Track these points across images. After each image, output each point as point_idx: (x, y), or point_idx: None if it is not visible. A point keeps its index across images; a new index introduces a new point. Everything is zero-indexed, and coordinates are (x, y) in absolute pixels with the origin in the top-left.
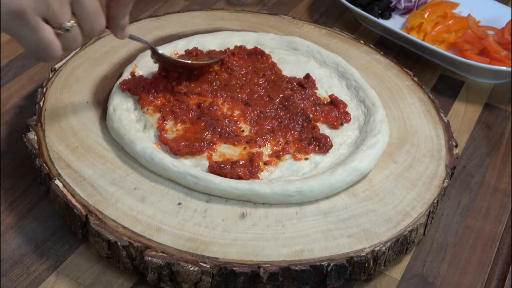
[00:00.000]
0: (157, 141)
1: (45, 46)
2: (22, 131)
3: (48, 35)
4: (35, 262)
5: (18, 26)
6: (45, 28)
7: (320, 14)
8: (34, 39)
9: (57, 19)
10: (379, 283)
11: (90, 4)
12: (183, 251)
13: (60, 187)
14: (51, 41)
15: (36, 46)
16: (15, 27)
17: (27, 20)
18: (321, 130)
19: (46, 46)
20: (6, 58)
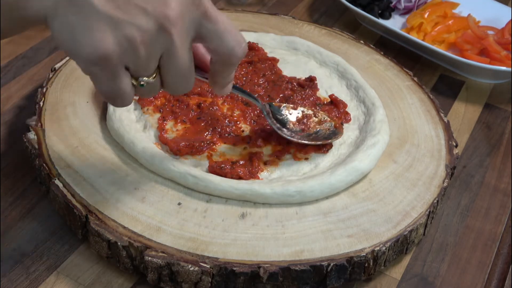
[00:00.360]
0: (157, 141)
1: (118, 95)
2: (22, 131)
3: (124, 86)
4: (35, 262)
5: (99, 70)
6: (124, 79)
7: (320, 14)
8: (110, 87)
9: (138, 71)
10: (379, 283)
11: (181, 65)
12: (183, 251)
13: (60, 187)
14: (125, 92)
15: (110, 93)
16: (95, 69)
17: (109, 67)
18: None
19: (120, 96)
20: (6, 58)
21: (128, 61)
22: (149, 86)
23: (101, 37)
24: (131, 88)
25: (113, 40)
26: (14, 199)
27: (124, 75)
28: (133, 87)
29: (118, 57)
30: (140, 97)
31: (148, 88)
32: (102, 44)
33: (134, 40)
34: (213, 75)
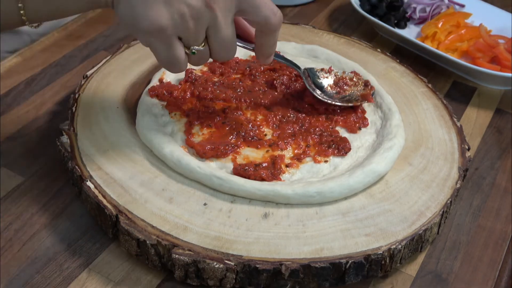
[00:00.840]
0: (184, 144)
1: (175, 62)
2: (56, 135)
3: (179, 54)
4: (68, 259)
5: (156, 41)
6: (178, 47)
7: (339, 24)
8: (167, 55)
9: (189, 41)
10: (395, 279)
11: (225, 35)
12: (208, 249)
13: (92, 188)
14: (180, 59)
15: (167, 61)
16: (153, 41)
17: (165, 38)
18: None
19: (176, 62)
20: (40, 65)
21: (180, 32)
22: (199, 54)
23: (157, 12)
24: (185, 55)
25: (167, 15)
26: (48, 199)
27: (178, 44)
28: (186, 55)
29: (172, 28)
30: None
31: (198, 56)
32: (158, 18)
33: (185, 15)
34: (258, 46)
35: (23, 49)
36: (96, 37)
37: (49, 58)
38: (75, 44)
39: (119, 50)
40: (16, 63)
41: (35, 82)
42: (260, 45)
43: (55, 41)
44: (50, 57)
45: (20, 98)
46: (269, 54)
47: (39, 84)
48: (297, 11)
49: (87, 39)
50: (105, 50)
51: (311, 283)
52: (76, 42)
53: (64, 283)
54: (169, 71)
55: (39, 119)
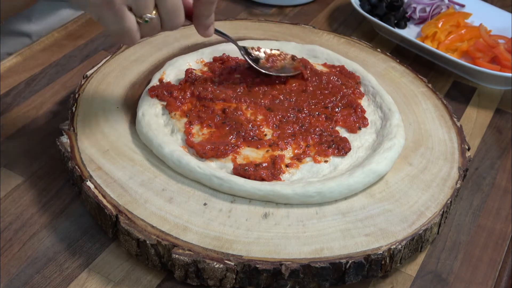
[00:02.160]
0: (184, 144)
1: (127, 33)
2: (56, 135)
3: (130, 24)
4: (68, 259)
5: (105, 13)
6: (128, 17)
7: (339, 24)
8: (118, 27)
9: (140, 10)
10: (395, 279)
11: (171, 1)
12: (208, 249)
13: (92, 188)
14: (132, 29)
15: (119, 32)
16: (103, 13)
17: (114, 8)
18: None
19: (128, 33)
20: (40, 65)
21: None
22: (151, 23)
23: None
24: (136, 25)
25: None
26: (48, 199)
27: (129, 14)
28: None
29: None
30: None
31: (151, 25)
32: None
33: None
34: (196, 17)
35: (23, 49)
36: (96, 37)
37: (49, 58)
38: (75, 44)
39: (119, 50)
40: (16, 63)
41: (35, 82)
42: (198, 15)
43: (55, 41)
44: (50, 57)
45: (20, 98)
46: (206, 25)
47: (39, 84)
48: (297, 11)
49: (87, 39)
50: (105, 50)
51: (311, 283)
52: (76, 42)
53: (64, 283)
54: (122, 43)
55: (39, 119)
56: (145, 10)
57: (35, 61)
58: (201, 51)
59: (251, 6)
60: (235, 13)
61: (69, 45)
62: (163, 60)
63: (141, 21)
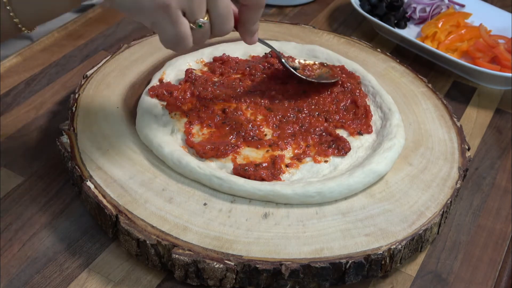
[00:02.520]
0: (184, 144)
1: (181, 38)
2: (56, 135)
3: (185, 29)
4: (68, 259)
5: (161, 18)
6: (183, 22)
7: (339, 24)
8: (173, 32)
9: (194, 14)
10: (395, 279)
11: (223, 6)
12: (208, 249)
13: (92, 188)
14: (186, 35)
15: (173, 38)
16: (159, 18)
17: (170, 13)
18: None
19: (182, 38)
20: (40, 65)
21: (185, 5)
22: (204, 27)
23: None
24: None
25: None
26: (48, 199)
27: (183, 19)
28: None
29: (176, 2)
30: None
31: (203, 31)
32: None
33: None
34: (242, 23)
35: (23, 49)
36: (96, 37)
37: (49, 58)
38: (75, 44)
39: (119, 50)
40: (16, 63)
41: (35, 82)
42: (244, 21)
43: (55, 41)
44: (50, 57)
45: (20, 98)
46: (252, 32)
47: (39, 84)
48: (297, 11)
49: (87, 39)
50: (105, 50)
51: (311, 283)
52: (76, 42)
53: (64, 283)
54: (175, 50)
55: (39, 119)
56: (199, 14)
57: (35, 61)
58: (201, 51)
59: None
60: None
61: (69, 45)
62: (163, 60)
63: (194, 26)
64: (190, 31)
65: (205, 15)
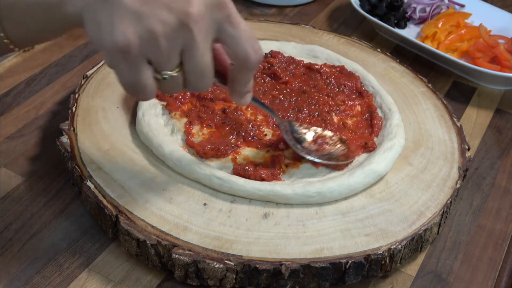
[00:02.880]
0: (184, 144)
1: (140, 88)
2: (56, 135)
3: (146, 79)
4: (68, 259)
5: (120, 61)
6: (144, 71)
7: (339, 24)
8: (130, 79)
9: (160, 64)
10: (395, 279)
11: (199, 61)
12: (208, 249)
13: (92, 188)
14: (147, 86)
15: (131, 85)
16: (117, 62)
17: (129, 57)
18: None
19: (141, 89)
20: (40, 65)
21: (149, 53)
22: (172, 80)
23: (122, 29)
24: (153, 82)
25: (134, 32)
26: (48, 199)
27: (145, 67)
28: (156, 81)
29: (139, 48)
30: (163, 93)
31: (171, 83)
32: (123, 35)
33: (155, 32)
34: (232, 81)
35: None
36: None
37: (49, 58)
38: (75, 44)
39: None
40: (16, 63)
41: (35, 82)
42: (233, 81)
43: (55, 41)
44: (50, 57)
45: (20, 98)
46: (242, 93)
47: (39, 84)
48: (297, 11)
49: (87, 39)
50: None
51: (311, 283)
52: (76, 42)
53: (64, 283)
54: (134, 97)
55: (39, 119)
56: (166, 66)
57: (35, 61)
58: None
59: (251, 6)
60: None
61: (69, 45)
62: None
63: (159, 77)
64: (152, 82)
65: (175, 67)
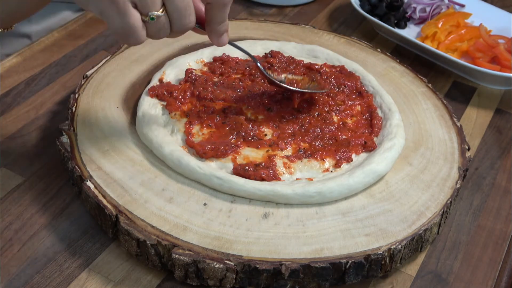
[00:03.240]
0: (184, 144)
1: (130, 31)
2: (56, 135)
3: (134, 21)
4: (68, 259)
5: (109, 7)
6: (132, 14)
7: (339, 24)
8: (120, 23)
9: (145, 6)
10: (395, 279)
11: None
12: (208, 249)
13: (92, 188)
14: (136, 27)
15: (121, 30)
16: (105, 8)
17: (117, 3)
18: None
19: (131, 31)
20: (40, 65)
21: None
22: (158, 22)
23: None
24: (142, 24)
25: None
26: (48, 199)
27: (133, 10)
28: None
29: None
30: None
31: (158, 25)
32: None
33: None
34: (209, 22)
35: (23, 49)
36: (96, 37)
37: (49, 58)
38: (75, 44)
39: (119, 50)
40: (16, 63)
41: (35, 82)
42: (209, 20)
43: (55, 41)
44: (50, 57)
45: (20, 98)
46: (219, 32)
47: (39, 84)
48: (297, 11)
49: (87, 39)
50: (105, 50)
51: (311, 283)
52: (76, 42)
53: (64, 283)
54: (125, 43)
55: (39, 119)
56: (151, 7)
57: (35, 61)
58: (201, 51)
59: (251, 6)
60: (235, 13)
61: (69, 45)
62: (163, 60)
63: (146, 19)
64: (140, 24)
65: (160, 8)
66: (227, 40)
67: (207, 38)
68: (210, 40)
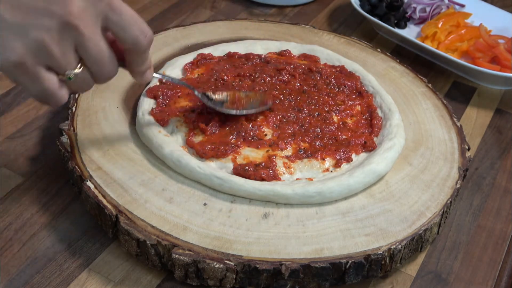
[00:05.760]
0: (184, 144)
1: (48, 95)
2: (56, 135)
3: (49, 85)
4: (68, 259)
5: (19, 76)
6: (46, 78)
7: (339, 24)
8: (35, 89)
9: (59, 67)
10: (395, 279)
11: (96, 51)
12: (208, 249)
13: (92, 188)
14: (54, 91)
15: (40, 95)
16: (17, 76)
17: (27, 71)
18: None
19: (48, 95)
20: None
21: (45, 61)
22: (79, 78)
23: (11, 45)
24: (59, 85)
25: (23, 45)
26: (48, 199)
27: (46, 74)
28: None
29: (33, 60)
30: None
31: (78, 81)
32: (13, 51)
33: (42, 41)
34: (128, 64)
35: None
36: None
37: None
38: None
39: None
40: None
41: None
42: (130, 63)
43: None
44: None
45: (20, 98)
46: (141, 72)
47: None
48: (297, 11)
49: None
50: None
51: (311, 283)
52: None
53: (64, 283)
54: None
55: (39, 119)
56: (66, 66)
57: None
58: (200, 51)
59: (251, 6)
60: (235, 13)
61: None
62: (163, 60)
63: (65, 79)
64: (57, 86)
65: (76, 65)
66: (151, 75)
67: (207, 38)
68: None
